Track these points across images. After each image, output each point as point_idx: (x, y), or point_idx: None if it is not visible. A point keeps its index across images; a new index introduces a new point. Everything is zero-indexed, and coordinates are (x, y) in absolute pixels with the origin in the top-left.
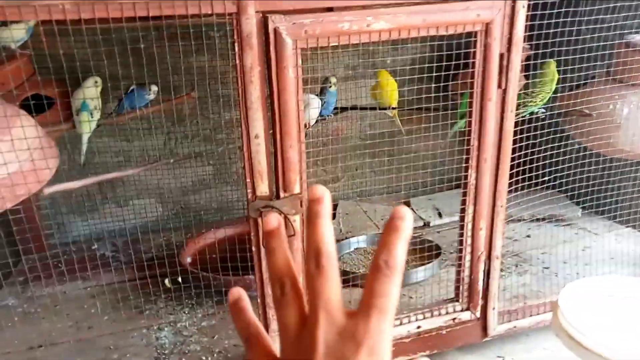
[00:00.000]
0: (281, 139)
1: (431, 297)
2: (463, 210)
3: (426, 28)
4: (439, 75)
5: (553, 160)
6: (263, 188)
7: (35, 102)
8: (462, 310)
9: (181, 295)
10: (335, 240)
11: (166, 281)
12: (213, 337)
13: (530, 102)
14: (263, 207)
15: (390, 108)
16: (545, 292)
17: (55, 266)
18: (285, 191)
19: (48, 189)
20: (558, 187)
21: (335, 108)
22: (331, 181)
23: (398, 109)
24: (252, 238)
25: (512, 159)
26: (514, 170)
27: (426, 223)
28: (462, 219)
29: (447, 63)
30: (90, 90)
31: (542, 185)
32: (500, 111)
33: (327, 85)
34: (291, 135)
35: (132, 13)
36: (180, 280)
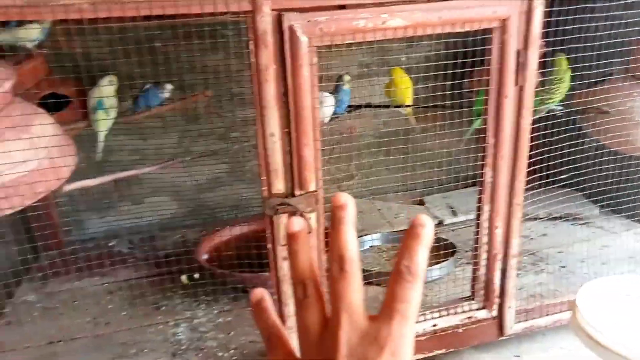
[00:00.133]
0: (297, 137)
1: (447, 296)
2: (479, 208)
3: (442, 25)
4: (453, 72)
5: (570, 158)
6: (278, 186)
7: (52, 101)
8: (478, 308)
9: (197, 291)
10: (357, 244)
11: (183, 278)
12: (229, 334)
13: (548, 99)
14: (279, 205)
15: (404, 106)
16: (562, 291)
17: (73, 262)
18: (300, 189)
19: (67, 186)
20: (575, 186)
21: (348, 106)
22: (345, 179)
23: (412, 107)
24: (268, 235)
25: (529, 157)
26: (531, 168)
27: (441, 221)
28: (478, 217)
29: (462, 60)
30: (105, 88)
31: (559, 183)
32: (517, 108)
33: (341, 83)
34: (306, 133)
35: (148, 11)
36: (197, 276)
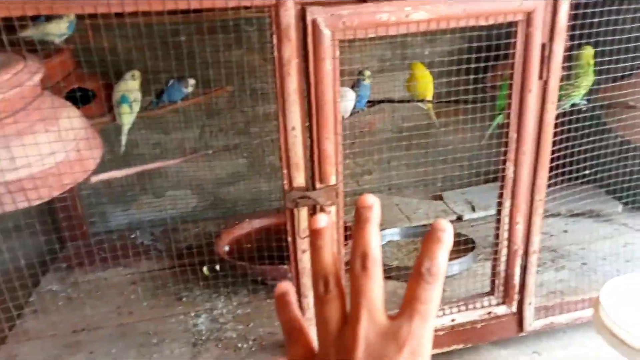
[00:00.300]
0: (318, 131)
1: (466, 291)
2: (500, 203)
3: (466, 18)
4: (475, 67)
5: (594, 153)
6: (299, 179)
7: (77, 95)
8: (498, 304)
9: (217, 283)
10: (380, 244)
11: (204, 269)
12: (248, 325)
13: (573, 93)
14: (299, 198)
15: (425, 101)
16: (583, 289)
17: (96, 253)
18: (321, 182)
19: (95, 178)
20: (598, 182)
21: (368, 101)
22: (364, 174)
23: (433, 102)
24: (288, 228)
25: (551, 152)
26: (553, 163)
27: (459, 217)
28: (499, 213)
29: (483, 55)
30: (129, 83)
31: (581, 179)
32: (540, 103)
33: (361, 78)
34: (327, 127)
35: (174, 6)
36: (217, 268)
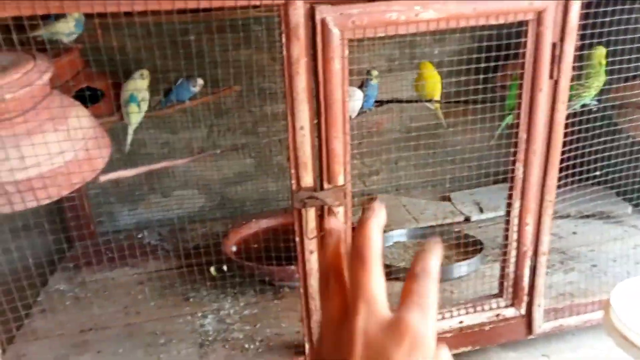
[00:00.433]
0: (326, 131)
1: (474, 293)
2: (509, 204)
3: (476, 17)
4: (483, 67)
5: (604, 154)
6: (307, 179)
7: (87, 94)
8: (506, 306)
9: (224, 283)
10: (381, 241)
11: (212, 270)
12: (255, 326)
13: (583, 93)
14: (307, 198)
15: (433, 101)
16: (593, 291)
17: (103, 253)
18: (329, 182)
19: (103, 177)
20: (608, 183)
21: (376, 101)
22: (371, 174)
23: (440, 102)
24: (296, 229)
25: (561, 153)
26: (563, 164)
27: (467, 218)
28: (508, 214)
29: (492, 54)
30: (138, 82)
31: (591, 180)
32: (551, 103)
33: (369, 78)
34: (336, 126)
35: (183, 5)
36: (225, 268)
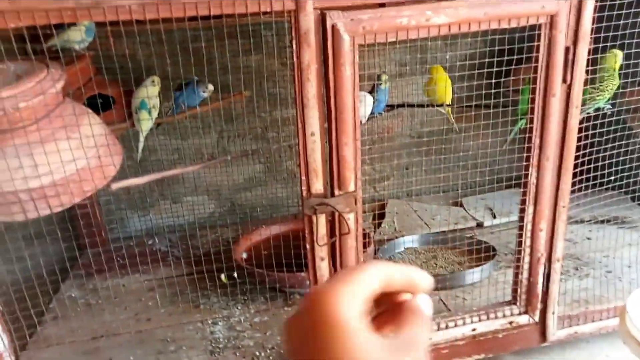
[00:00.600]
0: (337, 137)
1: (487, 300)
2: (522, 210)
3: (488, 21)
4: (494, 71)
5: (619, 159)
6: (318, 186)
7: (95, 102)
8: (520, 313)
9: (234, 290)
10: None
11: (222, 276)
12: (265, 333)
13: (597, 97)
14: (318, 205)
15: (445, 105)
16: (608, 297)
17: (114, 260)
18: (340, 189)
19: (116, 184)
20: (623, 188)
21: (387, 105)
22: (381, 179)
23: (452, 106)
24: (307, 236)
25: (575, 158)
26: (576, 169)
27: (479, 223)
28: (522, 219)
29: (503, 58)
30: (149, 89)
31: (605, 185)
32: (564, 107)
33: (379, 82)
34: (347, 132)
35: (194, 12)
36: (235, 276)
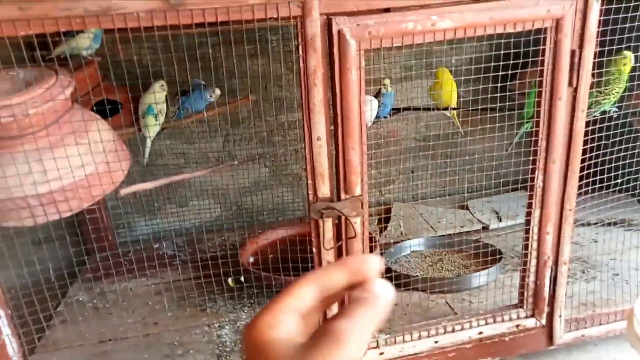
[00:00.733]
0: (343, 141)
1: (494, 303)
2: (529, 213)
3: (493, 26)
4: (499, 74)
5: (626, 162)
6: (324, 190)
7: (102, 108)
8: (527, 316)
9: (241, 294)
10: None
11: (229, 280)
12: None
13: (603, 100)
14: (324, 209)
15: (450, 108)
16: (615, 300)
17: (121, 264)
18: (346, 193)
19: (124, 190)
20: (631, 191)
21: (392, 109)
22: (387, 183)
23: (457, 109)
24: (313, 239)
25: (582, 161)
26: (583, 172)
27: (485, 226)
28: (528, 222)
29: (508, 62)
30: (156, 94)
31: (612, 188)
32: (570, 110)
33: (384, 86)
34: (353, 137)
35: (202, 19)
36: (242, 279)
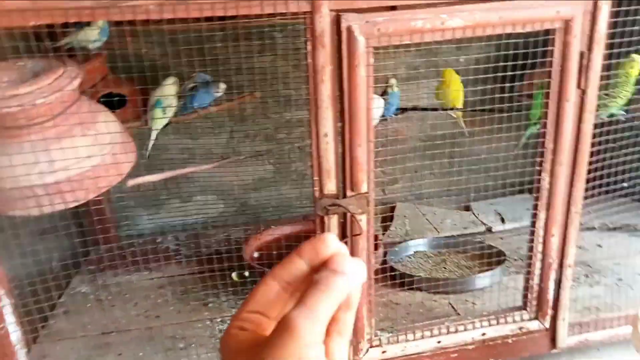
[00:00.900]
0: (350, 138)
1: (497, 305)
2: (534, 215)
3: (502, 26)
4: (505, 75)
5: (632, 165)
6: (330, 186)
7: (108, 100)
8: (530, 319)
9: (243, 289)
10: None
11: (234, 275)
12: None
13: (610, 103)
14: (330, 206)
15: (455, 109)
16: (619, 305)
17: (123, 257)
18: (352, 190)
19: (131, 181)
20: (636, 195)
21: (397, 109)
22: (390, 183)
23: (462, 110)
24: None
25: (588, 164)
26: (589, 175)
27: (489, 228)
28: (533, 225)
29: (515, 63)
30: (167, 88)
31: (618, 192)
32: (578, 113)
33: (390, 85)
34: (360, 134)
35: (211, 13)
36: (247, 274)
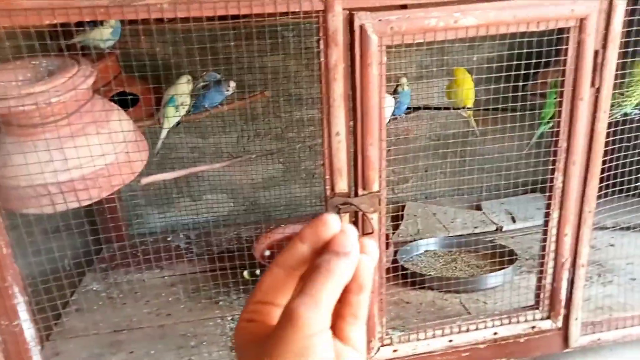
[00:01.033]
0: (362, 137)
1: (508, 304)
2: (547, 214)
3: (516, 24)
4: (517, 74)
5: None
6: (342, 185)
7: (120, 99)
8: (542, 318)
9: (253, 287)
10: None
11: (245, 273)
12: None
13: (624, 102)
14: (341, 204)
15: (465, 108)
16: (633, 305)
17: (134, 255)
18: (364, 189)
19: (145, 179)
20: None
21: (407, 108)
22: (400, 182)
23: (473, 109)
24: None
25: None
26: (603, 174)
27: (499, 228)
28: (546, 224)
29: (528, 61)
30: (181, 86)
31: (632, 191)
32: (592, 112)
33: (400, 84)
34: (372, 132)
35: (224, 11)
36: (258, 272)
